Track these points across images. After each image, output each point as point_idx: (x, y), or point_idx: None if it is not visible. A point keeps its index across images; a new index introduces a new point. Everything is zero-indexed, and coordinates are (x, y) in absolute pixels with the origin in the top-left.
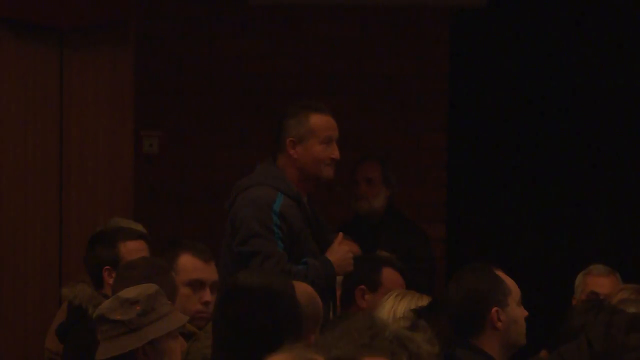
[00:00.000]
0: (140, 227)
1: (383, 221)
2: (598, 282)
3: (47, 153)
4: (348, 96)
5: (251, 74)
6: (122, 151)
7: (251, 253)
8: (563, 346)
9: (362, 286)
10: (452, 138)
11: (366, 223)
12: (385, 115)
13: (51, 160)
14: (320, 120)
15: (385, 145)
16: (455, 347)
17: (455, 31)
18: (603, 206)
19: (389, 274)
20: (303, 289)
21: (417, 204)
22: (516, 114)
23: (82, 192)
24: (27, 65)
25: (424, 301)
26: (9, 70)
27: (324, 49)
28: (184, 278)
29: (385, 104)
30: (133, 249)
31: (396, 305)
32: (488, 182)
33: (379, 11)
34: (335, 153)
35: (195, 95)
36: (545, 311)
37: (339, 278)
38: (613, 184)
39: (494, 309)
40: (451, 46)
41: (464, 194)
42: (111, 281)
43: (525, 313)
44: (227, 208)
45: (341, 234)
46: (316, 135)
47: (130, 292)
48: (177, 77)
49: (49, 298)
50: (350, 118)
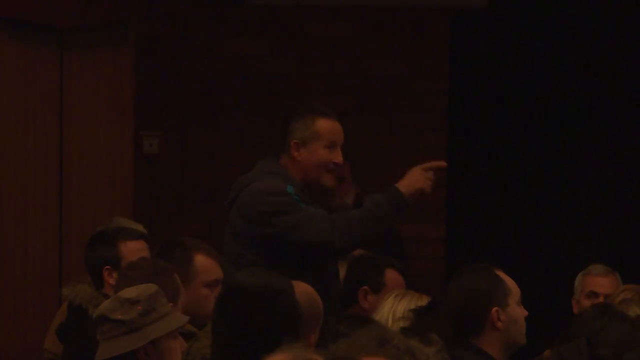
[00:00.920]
0: (140, 228)
1: None
2: (598, 282)
3: (47, 153)
4: (348, 96)
5: (251, 74)
6: (122, 151)
7: (288, 228)
8: (563, 346)
9: (365, 287)
10: (452, 138)
11: None
12: (385, 115)
13: (51, 160)
14: (326, 124)
15: (385, 145)
16: (455, 347)
17: (455, 31)
18: (603, 206)
19: (392, 276)
20: (303, 289)
21: (417, 204)
22: (516, 114)
23: (82, 192)
24: (27, 65)
25: (424, 301)
26: (9, 70)
27: (324, 49)
28: (205, 279)
29: (385, 104)
30: (134, 249)
31: (396, 305)
32: (488, 182)
33: (379, 11)
34: (338, 158)
35: (195, 95)
36: (545, 311)
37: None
38: (613, 184)
39: (494, 309)
40: (451, 46)
41: (464, 194)
42: (111, 281)
43: (525, 313)
44: (228, 206)
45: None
46: (321, 139)
47: (130, 292)
48: (177, 77)
49: (49, 298)
50: (350, 118)
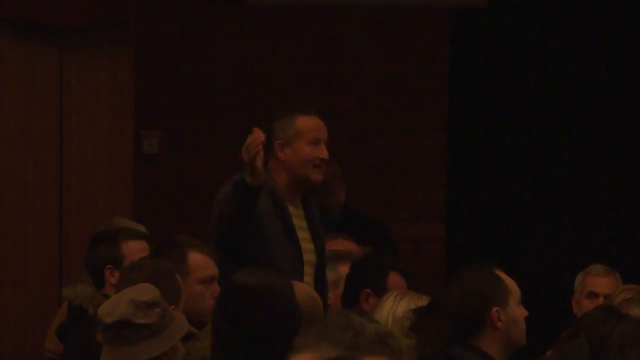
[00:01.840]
0: (142, 228)
1: (345, 218)
2: (597, 282)
3: (47, 153)
4: (348, 96)
5: (251, 74)
6: (122, 151)
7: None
8: (564, 346)
9: (368, 290)
10: (452, 138)
11: (330, 219)
12: (385, 115)
13: (51, 160)
14: (307, 121)
15: (385, 145)
16: (455, 347)
17: (455, 31)
18: (603, 206)
19: (395, 279)
20: (303, 289)
21: (417, 204)
22: (516, 114)
23: (82, 192)
24: (27, 65)
25: (424, 301)
26: (9, 70)
27: (324, 49)
28: (199, 276)
29: (385, 104)
30: (135, 249)
31: (396, 305)
32: (488, 183)
33: (379, 11)
34: (323, 153)
35: (195, 95)
36: (545, 311)
37: (339, 277)
38: (613, 184)
39: (494, 309)
40: (451, 46)
41: (464, 194)
42: (113, 280)
43: (525, 313)
44: None
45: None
46: (304, 136)
47: (142, 295)
48: (177, 77)
49: (49, 298)
50: (350, 118)
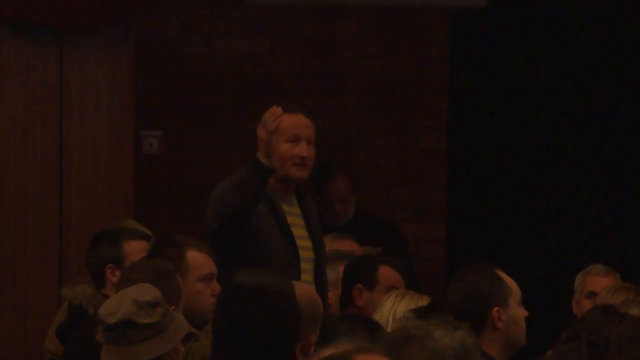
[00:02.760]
0: (147, 230)
1: (355, 220)
2: (597, 282)
3: (47, 153)
4: (348, 96)
5: (251, 74)
6: (122, 151)
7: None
8: (563, 346)
9: (360, 285)
10: (452, 138)
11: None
12: (385, 115)
13: (51, 160)
14: (286, 119)
15: (385, 145)
16: None
17: (455, 31)
18: (603, 206)
19: (386, 272)
20: (303, 289)
21: (417, 204)
22: (516, 114)
23: (82, 192)
24: (27, 65)
25: (424, 301)
26: (9, 70)
27: (324, 49)
28: (198, 274)
29: (385, 104)
30: (137, 249)
31: (396, 305)
32: (488, 182)
33: (379, 11)
34: (302, 151)
35: (195, 95)
36: (545, 311)
37: (339, 277)
38: (613, 184)
39: (495, 309)
40: (451, 46)
41: (464, 194)
42: (113, 279)
43: (525, 313)
44: None
45: None
46: (281, 134)
47: (143, 295)
48: (177, 77)
49: (49, 298)
50: (350, 118)
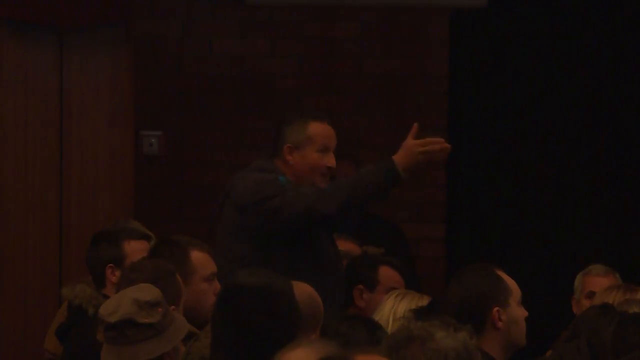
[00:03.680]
0: (148, 232)
1: (360, 221)
2: (597, 282)
3: (47, 153)
4: (348, 96)
5: (251, 74)
6: (122, 151)
7: (275, 210)
8: (563, 346)
9: (360, 286)
10: (452, 138)
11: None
12: (385, 115)
13: (51, 160)
14: (319, 128)
15: (385, 145)
16: None
17: (455, 31)
18: (603, 206)
19: (386, 272)
20: (303, 289)
21: (417, 204)
22: (516, 114)
23: (82, 192)
24: (27, 65)
25: (424, 301)
26: (9, 70)
27: (324, 49)
28: (203, 274)
29: (385, 104)
30: (137, 249)
31: (396, 305)
32: (488, 182)
33: (379, 11)
34: (331, 162)
35: (195, 95)
36: (545, 311)
37: None
38: (614, 184)
39: (495, 309)
40: (451, 46)
41: (464, 194)
42: (113, 279)
43: (525, 313)
44: (220, 204)
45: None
46: (313, 142)
47: (144, 295)
48: (177, 77)
49: (49, 298)
50: (350, 118)
